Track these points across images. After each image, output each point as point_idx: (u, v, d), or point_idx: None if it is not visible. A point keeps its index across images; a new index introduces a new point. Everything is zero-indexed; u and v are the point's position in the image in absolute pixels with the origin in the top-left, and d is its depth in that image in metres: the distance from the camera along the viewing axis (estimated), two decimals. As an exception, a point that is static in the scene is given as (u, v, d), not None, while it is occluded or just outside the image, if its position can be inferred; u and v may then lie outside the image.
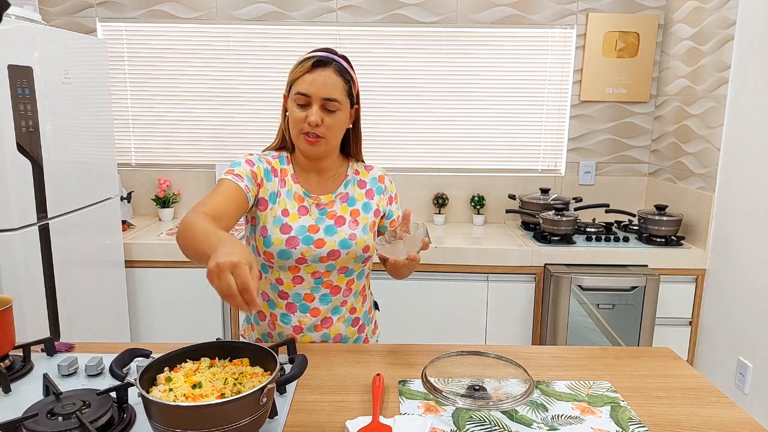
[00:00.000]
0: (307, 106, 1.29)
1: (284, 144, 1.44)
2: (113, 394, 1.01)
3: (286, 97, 1.36)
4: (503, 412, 1.08)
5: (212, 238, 1.03)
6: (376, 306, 1.59)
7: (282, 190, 1.38)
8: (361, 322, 1.48)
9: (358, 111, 1.40)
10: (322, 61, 1.29)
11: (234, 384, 0.96)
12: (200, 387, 0.94)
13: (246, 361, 1.05)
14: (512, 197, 3.07)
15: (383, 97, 3.03)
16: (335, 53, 1.34)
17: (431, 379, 1.11)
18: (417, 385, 1.18)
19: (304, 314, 1.39)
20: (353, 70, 1.37)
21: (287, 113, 1.36)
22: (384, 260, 1.45)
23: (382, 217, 1.46)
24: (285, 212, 1.36)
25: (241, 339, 1.52)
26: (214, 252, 0.96)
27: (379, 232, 1.46)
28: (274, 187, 1.37)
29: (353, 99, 1.36)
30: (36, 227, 1.96)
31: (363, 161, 1.50)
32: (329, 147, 1.35)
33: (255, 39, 2.97)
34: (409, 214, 1.26)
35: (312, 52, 1.34)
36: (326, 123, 1.30)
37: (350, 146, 1.45)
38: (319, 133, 1.30)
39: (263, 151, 1.45)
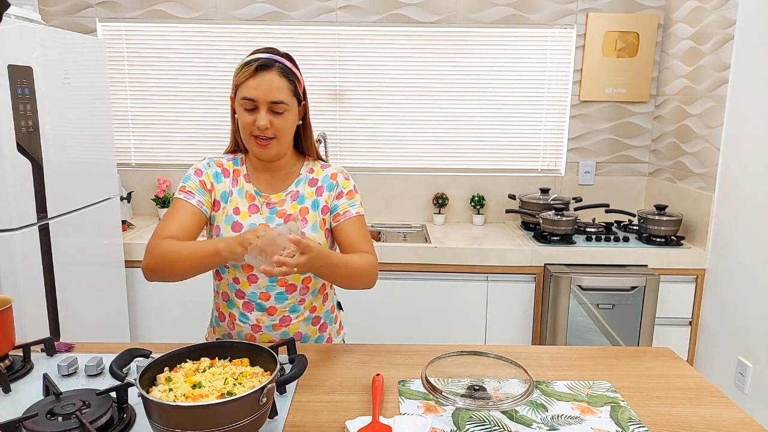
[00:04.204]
0: (255, 110, 1.29)
1: (238, 147, 1.44)
2: (113, 394, 1.01)
3: (233, 99, 1.35)
4: (503, 412, 1.08)
5: (212, 241, 1.12)
6: (339, 306, 1.59)
7: (234, 189, 1.39)
8: (322, 321, 1.48)
9: (306, 107, 1.40)
10: (265, 64, 1.28)
11: (234, 384, 0.96)
12: (200, 387, 0.94)
13: (246, 361, 1.05)
14: (512, 197, 3.07)
15: (383, 97, 3.03)
16: (278, 53, 1.33)
17: (431, 379, 1.11)
18: (417, 385, 1.18)
19: (261, 313, 1.39)
20: (297, 68, 1.36)
21: (236, 115, 1.35)
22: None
23: (335, 215, 1.41)
24: (236, 210, 1.37)
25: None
26: (237, 237, 1.18)
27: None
28: (225, 187, 1.39)
29: (300, 97, 1.35)
30: (36, 227, 1.96)
31: (322, 159, 1.49)
32: (281, 148, 1.35)
33: (255, 39, 2.97)
34: (288, 219, 1.30)
35: (254, 53, 1.32)
36: (275, 125, 1.30)
37: (301, 142, 1.45)
38: (269, 135, 1.31)
39: (224, 153, 1.46)
